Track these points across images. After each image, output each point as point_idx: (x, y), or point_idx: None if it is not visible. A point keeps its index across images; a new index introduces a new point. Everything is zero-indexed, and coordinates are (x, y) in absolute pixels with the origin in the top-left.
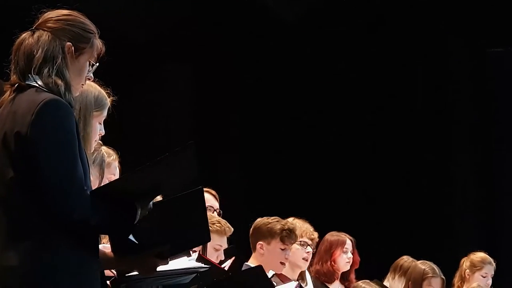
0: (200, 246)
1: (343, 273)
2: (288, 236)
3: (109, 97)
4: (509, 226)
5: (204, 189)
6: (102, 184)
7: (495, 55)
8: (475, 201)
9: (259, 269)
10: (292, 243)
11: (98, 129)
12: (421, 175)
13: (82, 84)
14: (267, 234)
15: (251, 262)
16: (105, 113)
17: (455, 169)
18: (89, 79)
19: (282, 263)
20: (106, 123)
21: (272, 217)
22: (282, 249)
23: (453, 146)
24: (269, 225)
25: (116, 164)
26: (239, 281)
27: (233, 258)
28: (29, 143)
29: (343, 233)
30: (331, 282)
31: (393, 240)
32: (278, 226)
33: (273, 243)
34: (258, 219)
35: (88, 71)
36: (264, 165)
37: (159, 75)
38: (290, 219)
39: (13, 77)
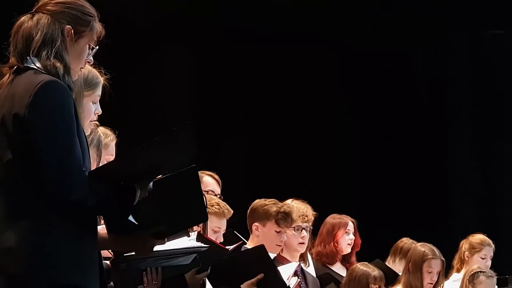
0: (201, 226)
1: (344, 255)
2: (284, 219)
3: (102, 76)
4: (508, 208)
5: (207, 173)
6: (100, 165)
7: (494, 37)
8: (475, 183)
9: (261, 249)
10: (288, 226)
11: (92, 109)
12: (421, 157)
13: (81, 68)
14: (263, 216)
15: (249, 245)
16: (98, 92)
17: (454, 151)
18: (88, 62)
19: (278, 245)
20: (106, 105)
21: (270, 199)
22: (277, 232)
23: (452, 129)
24: (265, 207)
25: (113, 145)
26: (241, 261)
27: (239, 243)
28: (27, 124)
29: (344, 215)
30: (332, 263)
31: (393, 223)
32: (274, 209)
33: (268, 225)
34: (256, 201)
35: (88, 54)
36: (265, 147)
37: (159, 58)
38: (289, 201)
39: (12, 60)
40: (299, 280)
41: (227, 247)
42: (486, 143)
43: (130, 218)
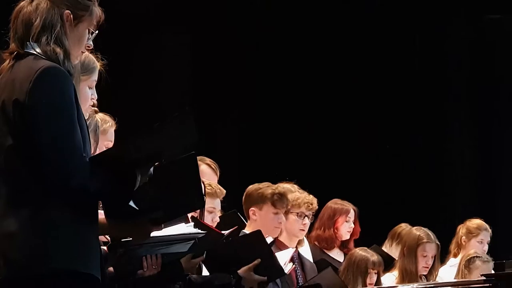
0: (198, 211)
1: (342, 241)
2: (279, 200)
3: (98, 61)
4: (505, 193)
5: (206, 161)
6: (99, 151)
7: (493, 22)
8: (472, 168)
9: (258, 234)
10: (284, 207)
11: (88, 94)
12: (419, 143)
13: (82, 52)
14: (259, 200)
15: (247, 230)
16: (94, 77)
17: (452, 136)
18: (88, 47)
19: (276, 227)
20: (105, 90)
21: (263, 183)
22: (274, 214)
23: (450, 113)
24: (260, 191)
25: (112, 131)
26: (238, 247)
27: (235, 227)
28: (27, 110)
29: (347, 202)
30: (330, 249)
31: (391, 208)
32: (269, 191)
33: (265, 208)
34: (250, 186)
35: (88, 39)
36: (264, 132)
37: (157, 44)
38: (288, 185)
39: (12, 45)
40: (294, 265)
41: (223, 231)
42: (484, 127)
43: (131, 203)
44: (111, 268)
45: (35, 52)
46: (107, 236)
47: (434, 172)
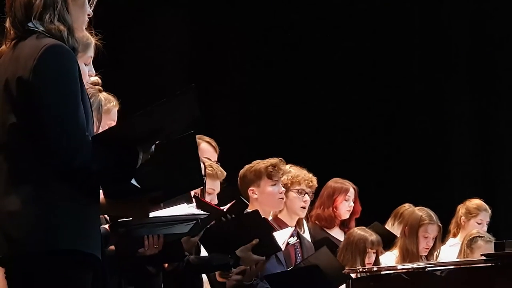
0: (199, 190)
1: (342, 220)
2: (274, 171)
3: (93, 37)
4: (505, 173)
5: (205, 139)
6: (102, 130)
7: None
8: (472, 148)
9: (256, 213)
10: (280, 177)
11: (85, 71)
12: (420, 123)
13: (85, 23)
14: (254, 178)
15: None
16: (90, 53)
17: (452, 117)
18: (88, 15)
19: (280, 199)
20: (104, 67)
21: (253, 162)
22: (273, 185)
23: (450, 93)
24: (252, 168)
25: (116, 111)
26: (236, 227)
27: (233, 201)
28: (31, 88)
29: (347, 181)
30: (330, 227)
31: (392, 188)
32: (262, 165)
33: (262, 183)
34: (241, 170)
35: (90, 5)
36: (263, 111)
37: (155, 20)
38: (288, 166)
39: (11, 33)
40: (298, 240)
41: (221, 207)
42: (483, 108)
43: (133, 181)
44: (112, 247)
45: (39, 30)
46: (106, 216)
47: (436, 153)
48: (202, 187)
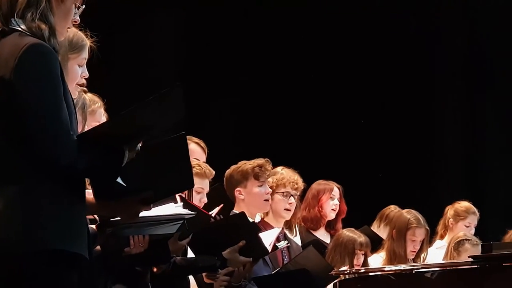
0: (186, 192)
1: (329, 221)
2: (260, 171)
3: (88, 39)
4: (493, 174)
5: (194, 140)
6: (87, 129)
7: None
8: (460, 149)
9: (242, 215)
10: (267, 178)
11: (78, 72)
12: (407, 124)
13: (68, 28)
14: (241, 178)
15: (236, 211)
16: (84, 54)
17: (440, 118)
18: (75, 22)
19: (266, 200)
20: (95, 68)
21: (239, 162)
22: (259, 186)
23: (439, 95)
24: (239, 169)
25: (101, 111)
26: (223, 229)
27: (221, 205)
28: (13, 88)
29: (331, 181)
30: (316, 229)
31: (379, 190)
32: (248, 166)
33: (249, 184)
34: (227, 170)
35: (74, 13)
36: (253, 113)
37: (150, 20)
38: (279, 168)
39: None
40: (288, 243)
41: (211, 212)
42: (471, 109)
43: (119, 180)
44: (98, 247)
45: (19, 29)
46: (95, 216)
47: (423, 154)
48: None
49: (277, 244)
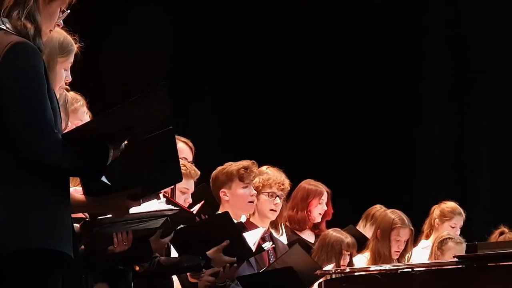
0: (169, 190)
1: (314, 222)
2: (246, 173)
3: (76, 44)
4: (478, 174)
5: (181, 140)
6: (70, 129)
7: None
8: (446, 149)
9: (226, 215)
10: (252, 180)
11: (63, 75)
12: (393, 124)
13: (51, 30)
14: (226, 179)
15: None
16: (71, 59)
17: (425, 118)
18: (58, 25)
19: (250, 202)
20: (79, 69)
21: (225, 163)
22: (243, 188)
23: (424, 94)
24: (225, 170)
25: (84, 110)
26: (207, 228)
27: (202, 202)
28: None
29: (320, 183)
30: (301, 230)
31: (364, 190)
32: (234, 167)
33: (233, 185)
34: (214, 171)
35: (59, 17)
36: (238, 113)
37: (134, 21)
38: (265, 168)
39: None
40: (273, 245)
41: (192, 209)
42: (457, 109)
43: (103, 179)
44: (82, 246)
45: (4, 27)
46: (85, 214)
47: (408, 153)
48: (172, 187)
49: (262, 245)
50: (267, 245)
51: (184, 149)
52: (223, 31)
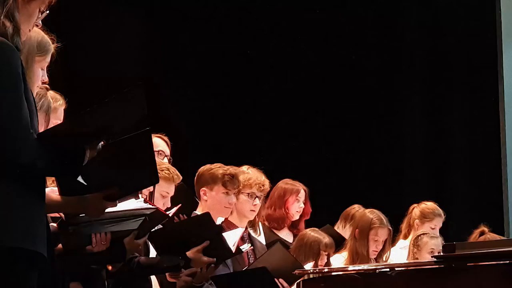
0: (148, 193)
1: (292, 221)
2: (230, 181)
3: (53, 43)
4: (458, 174)
5: (157, 134)
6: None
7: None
8: (424, 149)
9: (206, 216)
10: (235, 188)
11: (40, 75)
12: (371, 123)
13: (29, 30)
14: (210, 180)
15: (198, 211)
16: (48, 58)
17: (403, 117)
18: (37, 25)
19: (227, 207)
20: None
21: (215, 164)
22: (224, 193)
23: (402, 93)
24: (211, 171)
25: (62, 110)
26: (187, 229)
27: (179, 205)
28: None
29: (297, 182)
30: (280, 228)
31: (342, 189)
32: (220, 171)
33: (215, 188)
34: (202, 167)
35: (37, 18)
36: (216, 112)
37: (112, 19)
38: (245, 167)
39: None
40: (251, 246)
41: (168, 212)
42: (435, 108)
43: (79, 179)
44: (60, 245)
45: None
46: (61, 213)
47: (387, 153)
48: (151, 191)
49: (241, 247)
50: (245, 247)
51: (159, 143)
52: (199, 28)
